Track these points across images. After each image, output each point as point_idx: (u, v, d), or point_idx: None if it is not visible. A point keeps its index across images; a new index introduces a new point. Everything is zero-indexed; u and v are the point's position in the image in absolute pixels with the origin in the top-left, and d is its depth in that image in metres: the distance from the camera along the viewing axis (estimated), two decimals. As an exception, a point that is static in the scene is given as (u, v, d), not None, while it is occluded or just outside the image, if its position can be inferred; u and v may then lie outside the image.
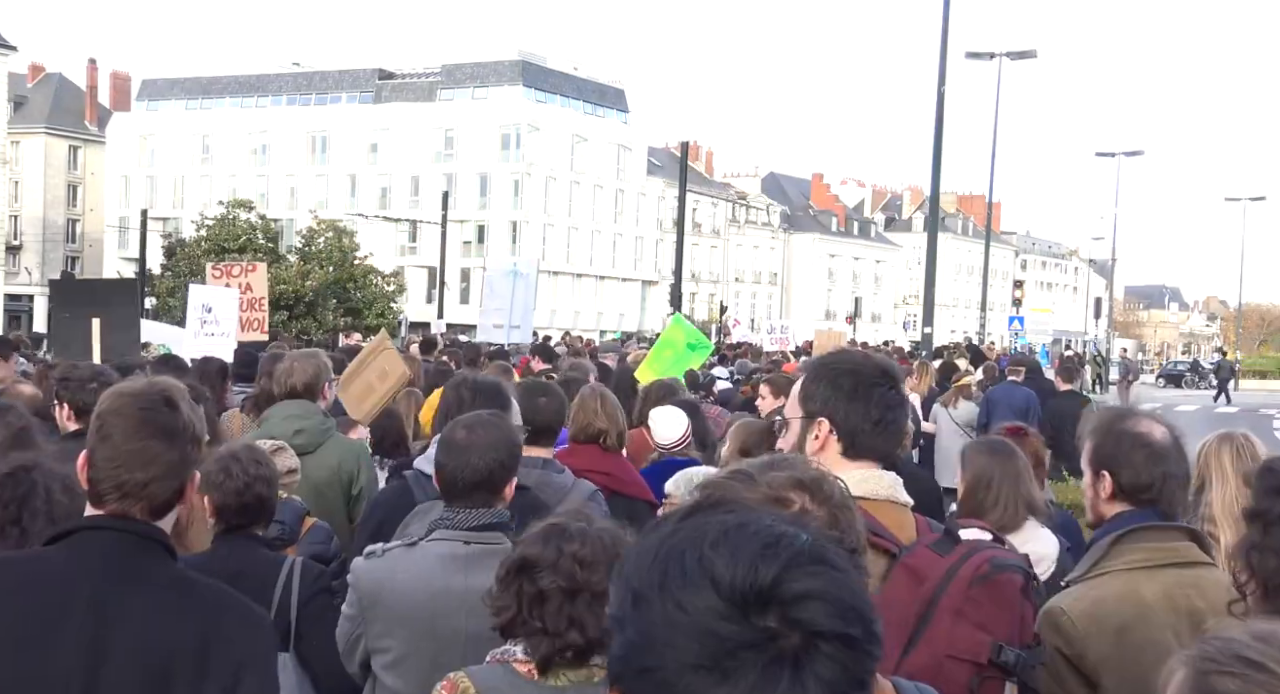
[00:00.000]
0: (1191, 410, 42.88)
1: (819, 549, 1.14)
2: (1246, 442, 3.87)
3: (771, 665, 1.06)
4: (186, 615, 2.30)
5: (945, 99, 20.41)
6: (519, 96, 77.07)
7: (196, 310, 10.41)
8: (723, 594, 1.09)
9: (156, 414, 2.37)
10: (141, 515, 2.34)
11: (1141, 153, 61.25)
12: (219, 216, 58.57)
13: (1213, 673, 1.30)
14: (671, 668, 1.08)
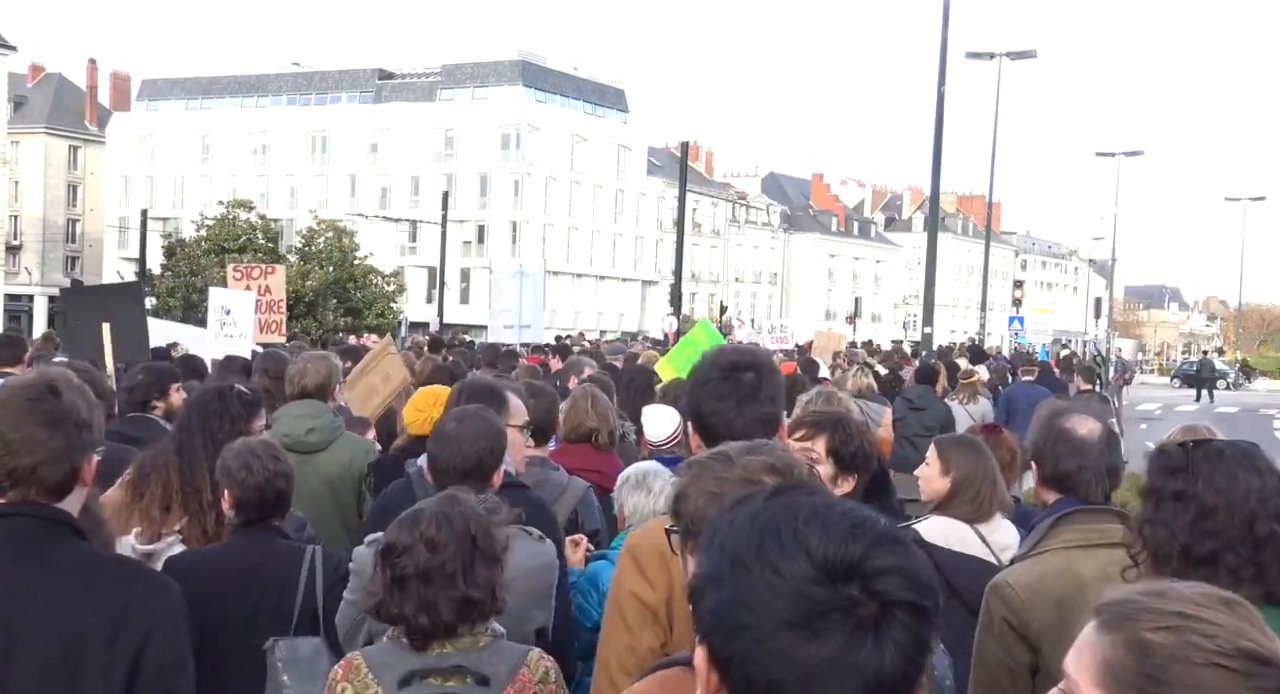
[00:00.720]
0: (1191, 410, 42.92)
1: (895, 532, 1.33)
2: (1208, 433, 3.96)
3: (857, 630, 1.24)
4: (94, 591, 2.42)
5: (945, 99, 20.40)
6: (519, 96, 77.05)
7: (216, 313, 10.64)
8: (815, 563, 1.26)
9: (40, 402, 2.47)
10: (46, 499, 2.45)
11: (1141, 153, 61.13)
12: (219, 216, 58.56)
13: (1145, 630, 1.44)
14: (766, 626, 1.25)
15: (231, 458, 3.74)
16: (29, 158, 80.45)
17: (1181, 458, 2.52)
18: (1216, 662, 1.40)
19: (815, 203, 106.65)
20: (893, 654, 1.26)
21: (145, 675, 2.40)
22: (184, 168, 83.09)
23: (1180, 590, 1.50)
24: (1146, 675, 1.42)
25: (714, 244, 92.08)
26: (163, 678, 2.43)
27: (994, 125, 41.00)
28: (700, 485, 2.17)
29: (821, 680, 1.24)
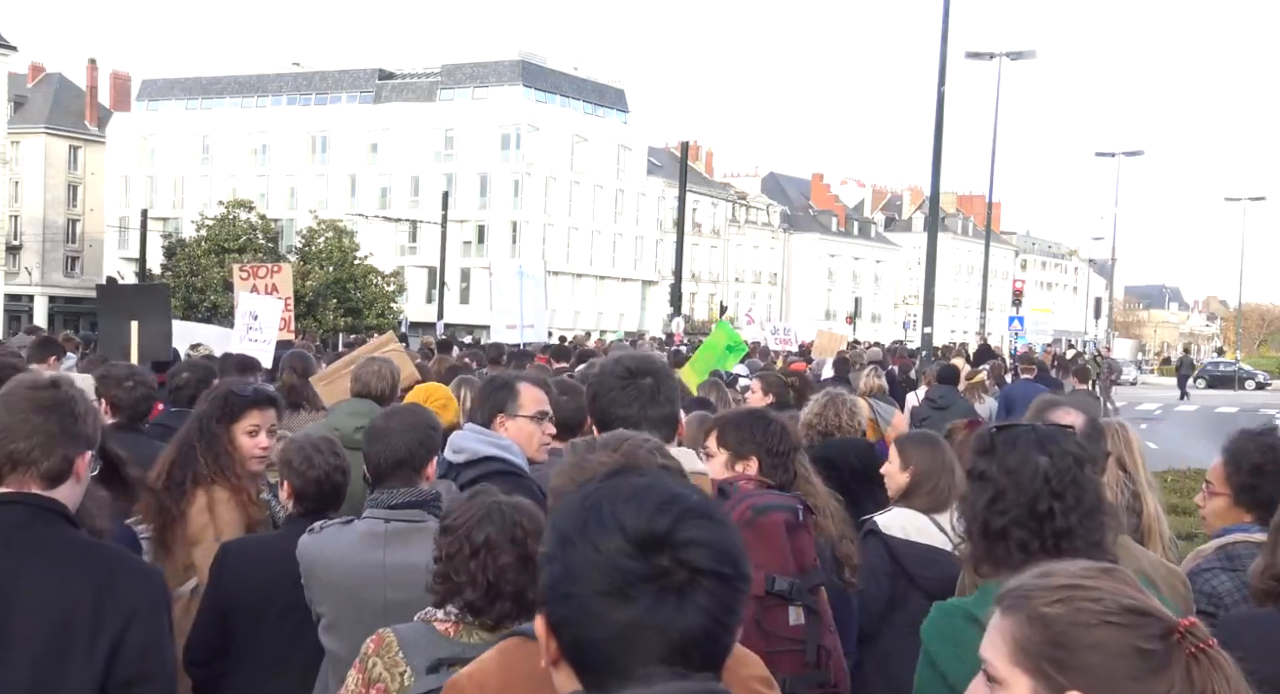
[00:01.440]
0: (1191, 410, 42.91)
1: (705, 506, 1.51)
2: (1122, 428, 4.62)
3: (662, 593, 1.42)
4: (83, 575, 2.61)
5: (945, 99, 20.41)
6: (519, 96, 77.03)
7: (244, 317, 11.04)
8: (628, 538, 1.44)
9: (38, 391, 2.71)
10: (39, 488, 2.65)
11: (1141, 153, 61.25)
12: (219, 216, 58.57)
13: (1041, 606, 1.64)
14: (586, 594, 1.43)
15: (293, 451, 3.94)
16: (29, 158, 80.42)
17: (988, 441, 2.70)
18: (1106, 620, 1.60)
19: (815, 203, 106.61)
20: (697, 616, 1.42)
21: (125, 657, 2.56)
22: (184, 168, 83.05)
23: (1064, 568, 1.72)
24: (1051, 644, 1.61)
25: (714, 244, 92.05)
26: (143, 659, 2.59)
27: (994, 125, 41.09)
28: (566, 476, 2.37)
29: (632, 640, 1.41)
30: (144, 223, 53.35)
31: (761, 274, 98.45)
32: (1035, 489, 2.58)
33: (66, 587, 2.59)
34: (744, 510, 2.94)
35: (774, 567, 2.87)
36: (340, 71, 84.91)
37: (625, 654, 1.42)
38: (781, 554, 2.91)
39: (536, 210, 76.35)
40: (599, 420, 3.32)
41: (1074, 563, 1.77)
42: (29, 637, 2.54)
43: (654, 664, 1.41)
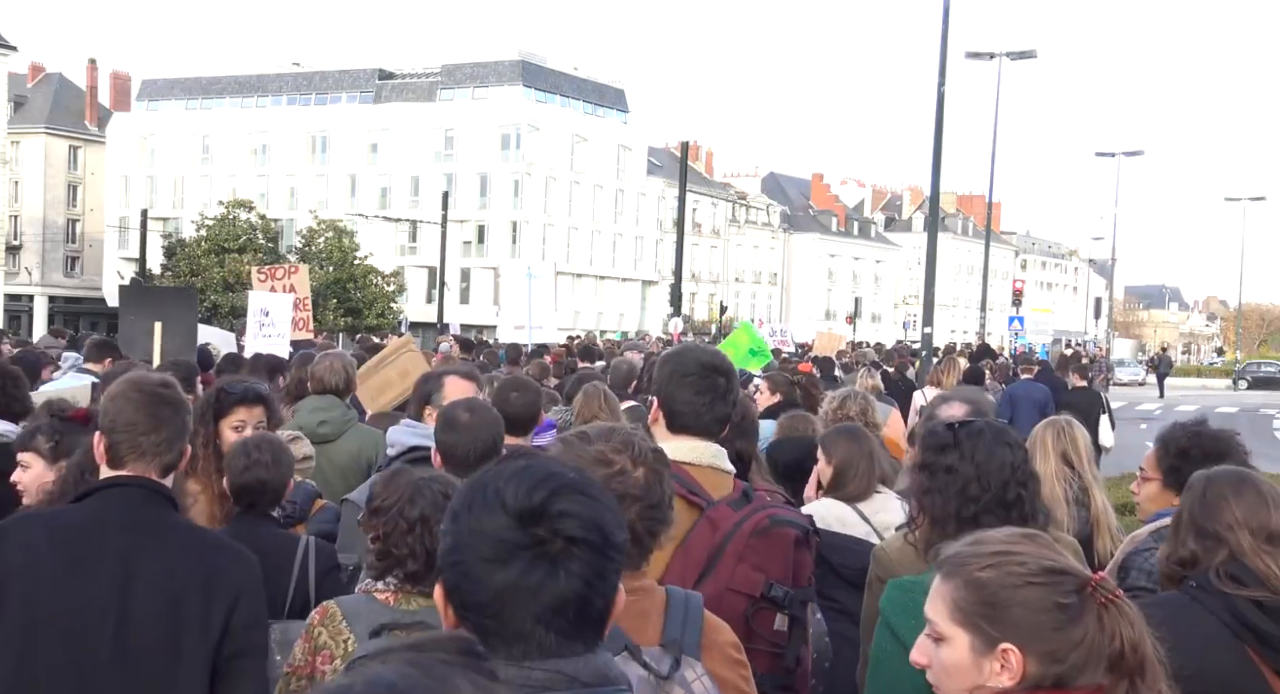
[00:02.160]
0: (1191, 410, 42.90)
1: (580, 482, 1.65)
2: (1068, 425, 4.83)
3: (537, 560, 1.57)
4: (192, 554, 2.88)
5: (945, 99, 20.41)
6: (519, 96, 77.03)
7: (256, 315, 11.28)
8: (509, 512, 1.59)
9: (165, 390, 3.01)
10: (155, 474, 2.94)
11: (1141, 153, 61.28)
12: (219, 216, 58.57)
13: (975, 571, 1.97)
14: (471, 562, 1.59)
15: (232, 450, 4.08)
16: (29, 158, 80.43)
17: (949, 437, 2.96)
18: (1030, 581, 1.94)
19: (815, 203, 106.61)
20: (569, 581, 1.57)
21: (233, 632, 2.85)
22: (184, 168, 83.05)
23: (993, 535, 2.07)
24: (984, 603, 1.95)
25: (714, 244, 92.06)
26: (248, 635, 2.91)
27: (994, 125, 41.13)
28: (563, 461, 2.47)
29: (509, 601, 1.57)
30: (144, 223, 53.33)
31: (761, 274, 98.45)
32: (1004, 478, 2.88)
33: (180, 566, 2.85)
34: (762, 519, 3.09)
35: (775, 574, 3.04)
36: (340, 71, 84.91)
37: (503, 614, 1.58)
38: (785, 565, 3.08)
39: (536, 210, 76.36)
40: (666, 401, 3.38)
41: (1001, 530, 2.11)
42: (147, 610, 2.79)
43: (530, 623, 1.57)
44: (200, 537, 3.01)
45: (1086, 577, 1.95)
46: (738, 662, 2.43)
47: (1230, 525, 2.89)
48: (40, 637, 2.74)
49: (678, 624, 2.29)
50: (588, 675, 1.61)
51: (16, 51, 64.77)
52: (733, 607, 2.94)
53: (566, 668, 1.59)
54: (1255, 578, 2.80)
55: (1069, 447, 4.73)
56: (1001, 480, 2.88)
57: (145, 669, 2.79)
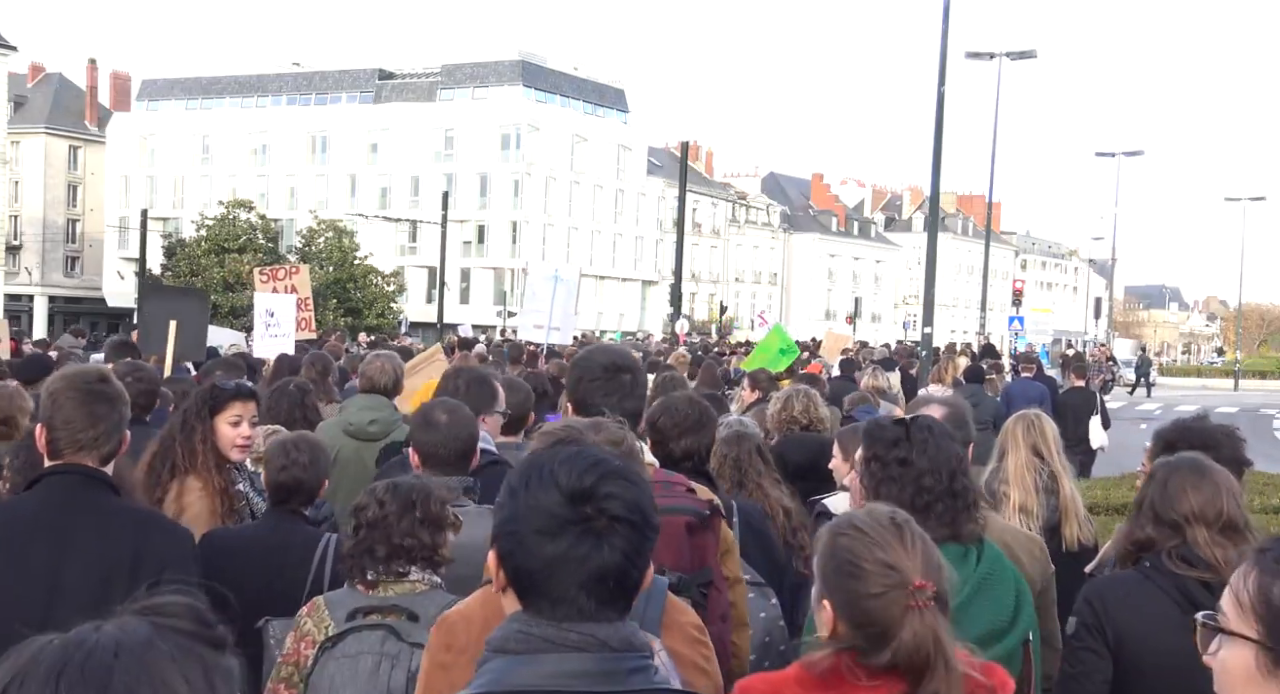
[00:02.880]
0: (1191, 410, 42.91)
1: (624, 469, 1.88)
2: (1037, 419, 5.02)
3: (584, 534, 1.79)
4: (124, 533, 3.10)
5: (945, 99, 20.39)
6: (519, 96, 77.02)
7: (262, 315, 11.60)
8: (561, 491, 1.80)
9: (102, 385, 3.22)
10: (94, 463, 3.16)
11: (1141, 153, 61.23)
12: (219, 216, 58.56)
13: (837, 535, 2.31)
14: (525, 533, 1.81)
15: (271, 449, 4.26)
16: (29, 158, 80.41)
17: (900, 432, 3.16)
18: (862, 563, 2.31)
19: (815, 203, 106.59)
20: (612, 554, 1.79)
21: None
22: (184, 168, 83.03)
23: (874, 510, 2.45)
24: (833, 563, 2.34)
25: (714, 244, 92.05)
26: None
27: (994, 125, 41.11)
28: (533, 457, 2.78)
29: (558, 569, 1.78)
30: (144, 223, 53.28)
31: (761, 274, 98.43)
32: (953, 469, 3.11)
33: (110, 543, 3.06)
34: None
35: (667, 561, 3.22)
36: (340, 71, 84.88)
37: (551, 580, 1.79)
38: (678, 551, 3.28)
39: (536, 210, 76.35)
40: (578, 406, 3.74)
41: (886, 511, 2.46)
42: (78, 585, 2.99)
43: (574, 590, 1.79)
44: (133, 516, 3.22)
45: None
46: (699, 641, 2.60)
47: (1187, 516, 3.16)
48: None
49: (641, 603, 2.42)
50: (616, 642, 1.81)
51: (16, 51, 64.75)
52: None
53: (599, 632, 1.80)
54: (1204, 563, 3.08)
55: (1039, 439, 4.90)
56: (950, 471, 3.10)
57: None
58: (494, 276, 75.06)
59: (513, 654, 1.82)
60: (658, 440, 4.17)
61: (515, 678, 1.80)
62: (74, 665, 1.13)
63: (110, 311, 76.94)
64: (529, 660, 1.80)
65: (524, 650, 1.81)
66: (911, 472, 3.08)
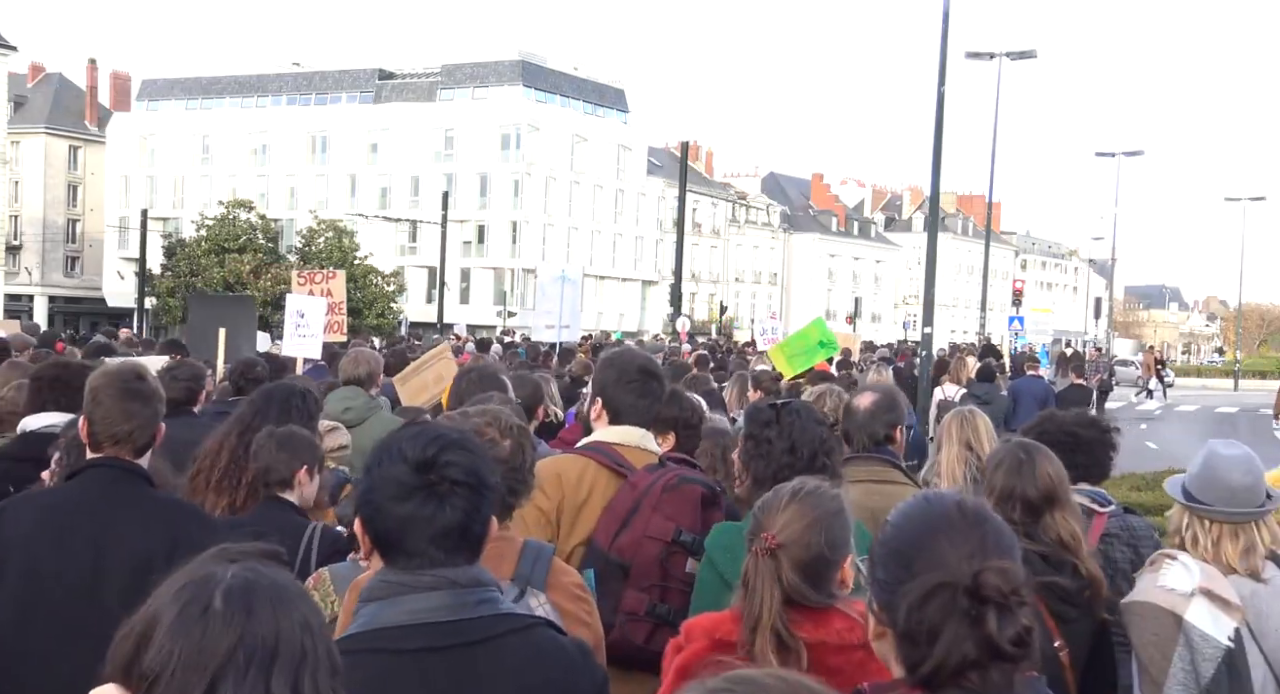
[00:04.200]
0: (1192, 410, 42.92)
1: (461, 439, 2.24)
2: (970, 415, 5.39)
3: (428, 497, 2.14)
4: (160, 523, 3.30)
5: (945, 99, 20.37)
6: (519, 96, 77.02)
7: (292, 316, 11.92)
8: (408, 463, 2.15)
9: (137, 383, 3.44)
10: (128, 456, 3.38)
11: (1141, 153, 61.11)
12: (219, 216, 58.53)
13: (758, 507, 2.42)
14: (379, 500, 2.17)
15: (257, 441, 4.37)
16: (29, 158, 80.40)
17: (771, 414, 3.58)
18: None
19: (815, 203, 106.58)
20: (454, 512, 2.14)
21: None
22: (184, 168, 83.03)
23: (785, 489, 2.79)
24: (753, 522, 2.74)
25: (714, 244, 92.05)
26: None
27: (994, 125, 41.13)
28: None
29: (409, 528, 2.13)
30: (144, 223, 53.27)
31: (761, 274, 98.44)
32: (814, 449, 3.51)
33: (148, 533, 3.25)
34: (671, 478, 3.73)
35: (685, 523, 3.61)
36: (340, 71, 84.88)
37: (405, 538, 2.15)
38: (693, 516, 3.65)
39: (536, 210, 76.35)
40: (608, 403, 4.05)
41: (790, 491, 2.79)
42: (118, 574, 3.18)
43: (424, 544, 2.14)
44: (168, 506, 3.45)
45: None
46: (580, 598, 2.84)
47: (1024, 494, 3.62)
48: (36, 596, 3.22)
49: (529, 565, 2.73)
50: (465, 579, 2.17)
51: (16, 51, 64.74)
52: (649, 551, 3.60)
53: (448, 574, 2.15)
54: (1044, 538, 3.51)
55: (970, 434, 5.21)
56: (812, 451, 3.49)
57: (120, 622, 3.02)
58: (494, 276, 75.05)
59: (379, 600, 2.16)
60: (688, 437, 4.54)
61: (382, 618, 2.14)
62: (245, 587, 1.53)
63: (110, 311, 76.93)
64: (392, 603, 2.14)
65: (387, 595, 2.15)
66: (777, 448, 3.49)
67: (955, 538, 1.84)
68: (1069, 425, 4.44)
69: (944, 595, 1.79)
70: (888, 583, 1.88)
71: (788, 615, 2.57)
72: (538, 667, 2.21)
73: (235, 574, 1.57)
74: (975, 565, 1.80)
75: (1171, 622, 3.28)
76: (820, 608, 2.61)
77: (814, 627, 2.59)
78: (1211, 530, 3.60)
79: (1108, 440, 4.46)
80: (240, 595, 1.53)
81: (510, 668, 2.17)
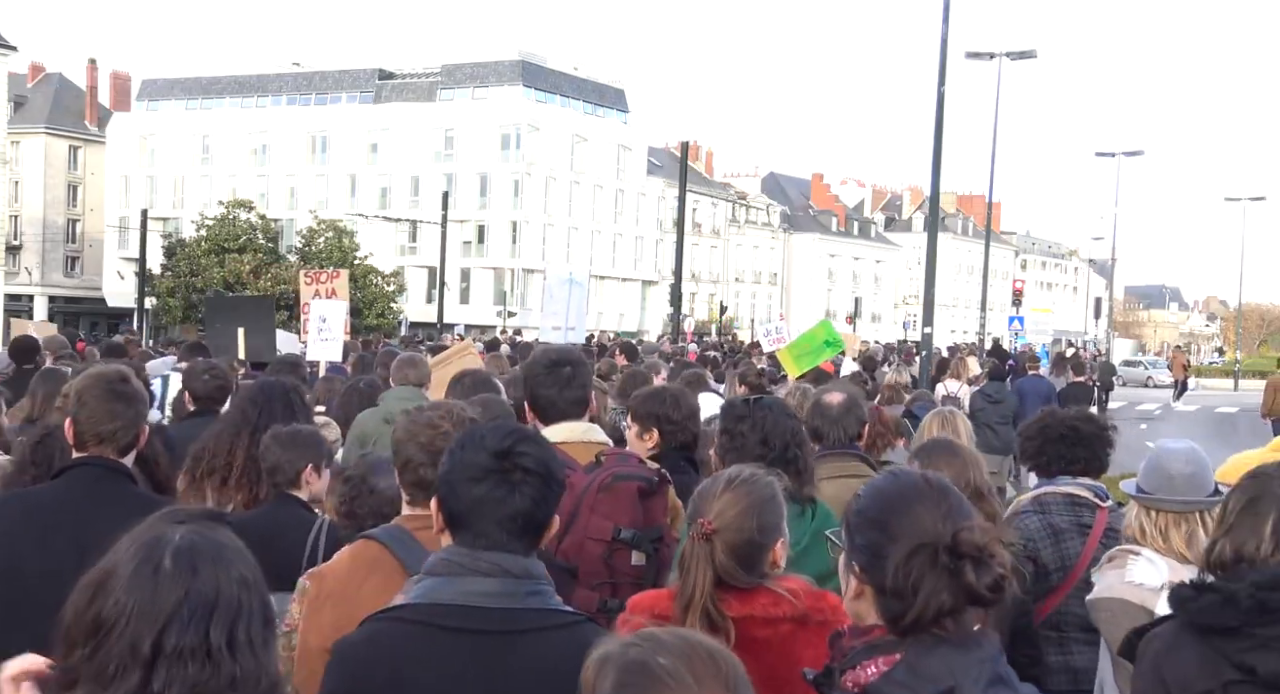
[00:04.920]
0: (1191, 410, 42.98)
1: (537, 436, 2.55)
2: (950, 414, 5.68)
3: (501, 482, 2.37)
4: (142, 520, 2.98)
5: (945, 99, 20.37)
6: (519, 96, 77.01)
7: (315, 321, 12.43)
8: (488, 451, 2.40)
9: (120, 385, 3.55)
10: (113, 455, 3.49)
11: (1141, 153, 61.08)
12: (219, 216, 58.56)
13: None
14: (457, 481, 2.40)
15: (263, 443, 4.45)
16: (29, 158, 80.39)
17: (746, 409, 3.78)
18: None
19: (815, 203, 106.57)
20: (522, 499, 2.37)
21: None
22: (184, 168, 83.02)
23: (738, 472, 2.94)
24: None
25: (714, 244, 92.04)
26: None
27: (994, 125, 41.14)
28: (409, 428, 3.26)
29: (480, 508, 2.36)
30: (144, 223, 53.22)
31: (761, 274, 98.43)
32: (785, 442, 3.68)
33: (129, 529, 3.04)
34: (605, 478, 3.86)
35: (623, 520, 3.75)
36: (340, 71, 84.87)
37: (474, 516, 2.37)
38: (632, 512, 3.80)
39: (536, 210, 76.34)
40: (529, 398, 4.25)
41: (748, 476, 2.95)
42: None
43: (492, 525, 2.35)
44: (151, 505, 3.37)
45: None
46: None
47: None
48: (22, 592, 3.25)
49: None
50: (518, 570, 2.36)
51: (16, 51, 64.71)
52: (592, 552, 3.76)
53: (505, 562, 2.35)
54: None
55: (951, 433, 5.36)
56: (783, 443, 3.67)
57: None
58: (494, 276, 75.05)
59: (439, 576, 2.36)
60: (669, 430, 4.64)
61: (437, 593, 2.34)
62: (190, 548, 1.80)
63: (110, 311, 76.95)
64: (450, 581, 2.34)
65: (446, 573, 2.36)
66: (751, 441, 3.67)
67: (928, 504, 2.13)
68: (1070, 421, 4.62)
69: (926, 553, 2.07)
70: (868, 547, 2.15)
71: (718, 596, 2.72)
72: (578, 662, 2.25)
73: (183, 536, 1.81)
74: (950, 527, 2.08)
75: (1144, 616, 3.30)
76: (749, 587, 2.77)
77: (740, 604, 2.75)
78: (1158, 520, 3.69)
79: (1106, 437, 4.62)
80: (186, 555, 1.78)
81: (553, 660, 2.26)
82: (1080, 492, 4.45)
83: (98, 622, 1.75)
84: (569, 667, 2.16)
